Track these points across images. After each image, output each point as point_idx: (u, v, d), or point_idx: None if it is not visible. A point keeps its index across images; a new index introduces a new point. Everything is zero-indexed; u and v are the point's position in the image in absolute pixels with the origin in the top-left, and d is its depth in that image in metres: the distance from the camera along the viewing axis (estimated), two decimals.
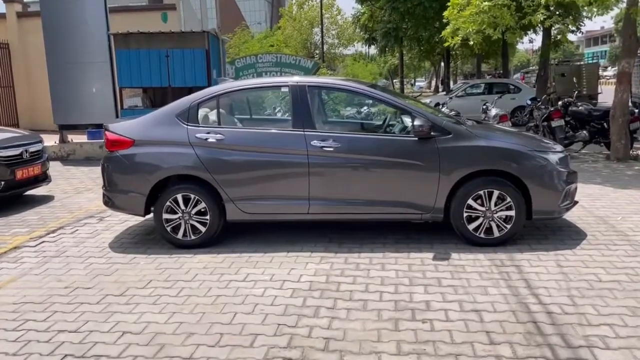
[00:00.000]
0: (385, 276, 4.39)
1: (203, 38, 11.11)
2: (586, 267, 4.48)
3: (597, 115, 10.47)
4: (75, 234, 5.89)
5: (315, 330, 3.50)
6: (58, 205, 7.46)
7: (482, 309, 3.74)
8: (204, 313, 3.79)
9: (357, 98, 6.11)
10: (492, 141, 5.07)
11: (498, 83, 19.92)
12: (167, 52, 10.98)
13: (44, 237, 5.83)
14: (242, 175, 5.11)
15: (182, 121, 5.20)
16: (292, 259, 4.84)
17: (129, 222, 6.21)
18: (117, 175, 5.32)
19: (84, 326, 3.66)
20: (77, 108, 11.72)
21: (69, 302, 4.07)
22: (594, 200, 6.70)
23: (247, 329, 3.53)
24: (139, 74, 11.20)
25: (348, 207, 5.12)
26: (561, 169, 5.06)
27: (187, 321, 3.68)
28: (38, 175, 7.61)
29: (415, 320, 3.60)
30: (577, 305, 3.77)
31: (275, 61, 16.00)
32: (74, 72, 11.65)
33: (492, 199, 4.95)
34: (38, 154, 7.69)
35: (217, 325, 3.60)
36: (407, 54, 32.81)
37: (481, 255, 4.81)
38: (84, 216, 6.69)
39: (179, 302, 4.00)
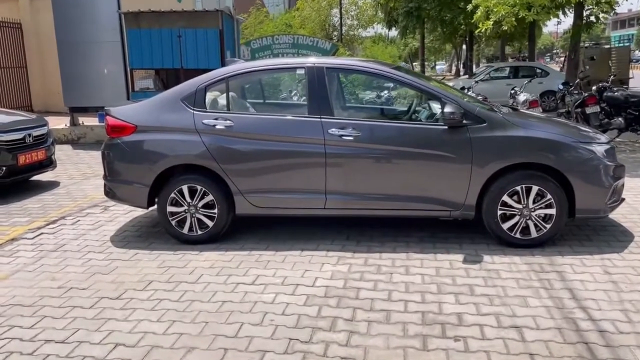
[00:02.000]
0: (410, 281, 3.99)
1: (216, 17, 10.70)
2: (638, 274, 4.04)
3: (634, 101, 9.88)
4: (77, 225, 5.59)
5: (332, 347, 3.10)
6: (62, 192, 7.18)
7: (522, 325, 3.31)
8: (207, 323, 3.42)
9: (379, 81, 5.66)
10: (531, 131, 4.62)
11: (524, 66, 19.23)
12: (179, 32, 10.60)
13: (44, 228, 5.54)
14: (252, 166, 4.76)
15: (188, 106, 4.82)
16: (306, 259, 4.47)
17: (134, 212, 5.89)
18: (118, 164, 4.99)
19: (74, 335, 3.31)
20: (87, 90, 11.43)
21: (60, 305, 3.74)
22: (638, 195, 6.22)
23: (255, 344, 3.15)
24: (151, 55, 10.86)
25: (368, 202, 4.74)
26: (608, 162, 4.60)
27: (188, 332, 3.31)
28: (42, 161, 7.35)
29: (447, 338, 3.18)
30: (632, 322, 3.32)
31: (292, 42, 15.55)
32: (84, 52, 11.35)
33: (531, 195, 4.51)
34: (42, 138, 7.41)
35: (220, 338, 3.23)
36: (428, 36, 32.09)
37: (517, 258, 4.38)
38: (88, 205, 6.38)
39: (180, 308, 3.64)
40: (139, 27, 10.78)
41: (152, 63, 11.05)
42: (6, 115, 7.63)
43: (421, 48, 32.55)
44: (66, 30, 11.42)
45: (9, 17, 16.45)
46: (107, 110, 5.12)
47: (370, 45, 38.71)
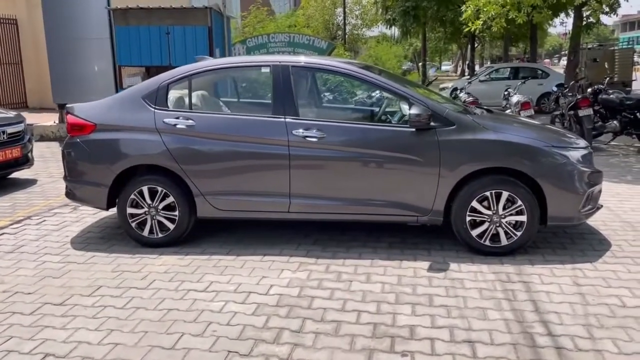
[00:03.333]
0: (368, 290, 3.83)
1: (205, 14, 10.57)
2: (608, 286, 3.85)
3: (629, 104, 9.67)
4: (40, 226, 5.46)
5: None
6: (37, 190, 7.08)
7: (476, 339, 3.14)
8: (147, 332, 3.26)
9: (347, 80, 5.47)
10: (502, 134, 4.43)
11: (525, 67, 18.98)
12: (167, 29, 10.48)
13: (6, 228, 5.41)
14: (214, 167, 4.61)
15: (149, 104, 4.67)
16: (266, 265, 4.31)
17: (102, 213, 5.72)
18: (78, 163, 4.86)
19: (4, 344, 3.15)
20: (76, 86, 11.36)
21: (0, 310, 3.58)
22: (623, 201, 6.05)
23: (191, 356, 2.99)
24: (139, 52, 10.76)
25: (333, 206, 4.57)
26: (583, 168, 4.43)
27: (124, 342, 3.15)
28: (18, 158, 7.25)
29: (394, 352, 3.02)
30: (594, 338, 3.14)
31: (288, 41, 15.43)
32: (73, 48, 11.33)
33: (501, 201, 4.35)
34: (18, 135, 7.31)
35: (156, 349, 3.07)
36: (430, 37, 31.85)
37: (485, 266, 4.21)
38: (58, 205, 6.25)
39: (123, 315, 3.48)
40: (128, 24, 10.68)
41: (141, 60, 10.94)
42: None
43: (423, 48, 32.28)
44: (55, 26, 11.37)
45: (4, 13, 16.40)
46: (69, 107, 5.00)
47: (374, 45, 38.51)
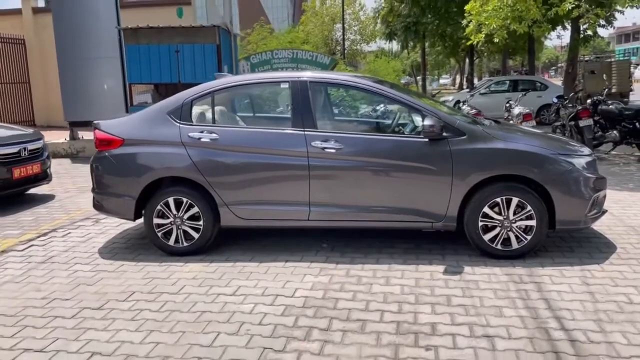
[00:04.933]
0: (389, 292, 4.01)
1: (214, 33, 10.85)
2: (615, 285, 4.04)
3: (628, 114, 9.93)
4: (67, 238, 5.64)
5: (305, 356, 3.13)
6: (57, 205, 7.26)
7: (495, 335, 3.33)
8: (184, 332, 3.45)
9: (364, 95, 5.70)
10: (511, 143, 4.65)
11: (524, 80, 19.30)
12: (177, 47, 10.75)
13: (34, 240, 5.59)
14: (237, 178, 4.80)
15: (174, 119, 4.89)
16: (289, 270, 4.50)
17: (124, 225, 5.95)
18: (106, 176, 5.06)
19: (52, 345, 3.35)
20: (87, 104, 11.58)
21: (42, 315, 3.78)
22: (625, 207, 6.24)
23: (229, 354, 3.18)
24: (149, 70, 10.99)
25: (351, 213, 4.76)
26: (588, 174, 4.63)
27: (165, 341, 3.35)
28: (37, 174, 7.43)
29: (418, 347, 3.20)
30: (605, 332, 3.34)
31: (291, 57, 15.68)
32: (84, 67, 11.55)
33: (511, 207, 4.54)
34: (38, 152, 7.51)
35: (195, 347, 3.26)
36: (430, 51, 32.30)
37: (497, 269, 4.40)
38: (80, 218, 6.45)
39: (159, 318, 3.68)
40: (138, 43, 10.93)
41: (151, 78, 11.18)
42: (2, 129, 7.75)
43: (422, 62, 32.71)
44: (66, 45, 11.62)
45: (13, 33, 16.72)
46: (96, 124, 5.19)
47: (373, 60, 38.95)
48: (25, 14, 17.55)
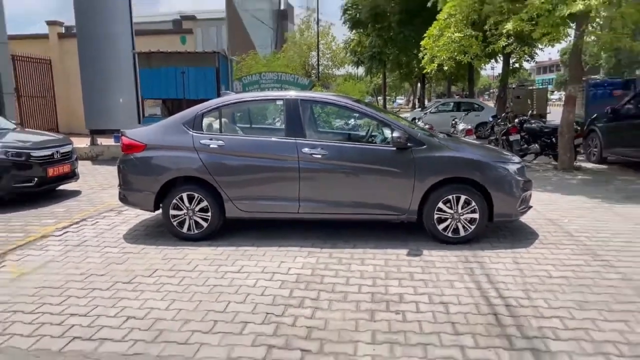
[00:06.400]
0: (364, 270, 4.16)
1: (213, 58, 10.85)
2: (538, 264, 4.28)
3: (547, 131, 10.34)
4: (96, 226, 5.64)
5: (300, 319, 3.27)
6: (84, 199, 7.20)
7: (448, 302, 3.53)
8: (201, 301, 3.55)
9: (344, 111, 5.83)
10: (460, 152, 4.85)
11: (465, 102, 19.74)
12: (182, 70, 10.71)
13: (68, 227, 5.57)
14: (239, 178, 4.87)
15: (188, 128, 4.96)
16: (282, 253, 4.60)
17: (142, 216, 5.97)
18: (130, 175, 5.07)
19: (94, 310, 3.42)
20: (105, 115, 11.48)
21: (82, 287, 3.83)
22: (545, 204, 6.51)
23: (239, 317, 3.30)
24: (159, 88, 10.91)
25: (334, 207, 4.87)
26: (519, 177, 4.85)
27: (186, 308, 3.44)
28: (67, 173, 7.38)
29: (389, 312, 3.38)
30: (531, 298, 3.57)
31: (276, 79, 15.71)
32: (103, 84, 11.43)
33: (460, 203, 4.73)
34: (68, 155, 7.45)
35: (211, 313, 3.37)
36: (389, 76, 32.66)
37: (449, 252, 4.59)
38: (105, 210, 6.43)
39: (179, 290, 3.76)
40: (150, 65, 10.86)
41: (160, 94, 11.10)
42: (38, 135, 7.67)
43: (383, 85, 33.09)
44: (89, 66, 11.47)
45: (40, 54, 16.37)
46: (122, 131, 5.21)
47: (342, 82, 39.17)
48: (52, 38, 17.19)
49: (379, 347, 2.91)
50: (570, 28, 9.23)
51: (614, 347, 2.91)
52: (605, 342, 2.96)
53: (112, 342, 2.98)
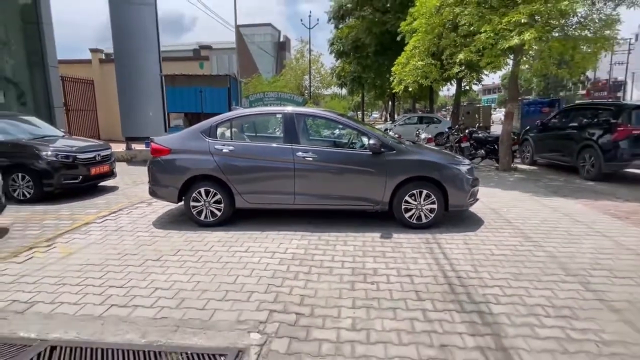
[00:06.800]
0: (346, 249, 4.16)
1: (226, 80, 10.77)
2: (484, 244, 4.31)
3: (490, 140, 10.42)
4: (130, 215, 5.55)
5: (295, 289, 3.26)
6: (120, 194, 7.09)
7: (413, 274, 3.54)
8: (215, 275, 3.52)
9: (330, 123, 5.80)
10: (422, 156, 4.86)
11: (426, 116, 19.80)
12: (200, 89, 10.61)
13: (107, 216, 5.48)
14: (246, 176, 4.81)
15: (205, 136, 4.90)
16: (281, 236, 4.57)
17: (168, 207, 5.89)
18: (158, 174, 4.99)
19: (128, 283, 3.37)
20: (138, 125, 11.28)
21: (119, 264, 3.78)
22: (489, 197, 6.55)
23: (246, 288, 3.28)
24: (181, 103, 10.83)
25: (322, 200, 4.84)
26: (468, 176, 4.87)
27: (203, 280, 3.41)
28: (107, 172, 7.23)
29: (366, 282, 3.38)
30: (477, 271, 3.60)
31: (276, 97, 15.63)
32: (136, 100, 11.22)
33: (422, 196, 4.75)
34: (107, 157, 7.30)
35: (224, 284, 3.34)
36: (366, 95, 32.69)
37: (414, 235, 4.61)
38: (138, 202, 6.34)
39: (198, 266, 3.73)
40: (174, 85, 10.73)
41: (183, 108, 10.99)
42: (83, 142, 7.49)
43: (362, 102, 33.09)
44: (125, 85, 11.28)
45: (85, 76, 16.10)
46: (152, 138, 5.14)
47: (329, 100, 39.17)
48: (94, 63, 16.87)
49: (358, 311, 2.91)
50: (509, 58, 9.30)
51: (542, 309, 2.95)
52: (535, 305, 3.00)
53: (143, 308, 2.95)
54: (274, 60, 57.99)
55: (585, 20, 8.15)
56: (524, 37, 7.16)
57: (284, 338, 2.59)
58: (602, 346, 2.52)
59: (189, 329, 2.69)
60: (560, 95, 42.99)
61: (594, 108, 8.63)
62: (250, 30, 61.61)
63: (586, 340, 2.58)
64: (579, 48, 8.21)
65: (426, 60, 9.48)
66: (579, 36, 8.12)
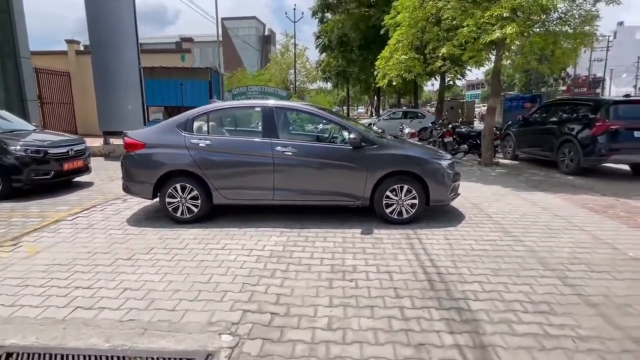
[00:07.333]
0: (325, 246, 4.07)
1: (207, 72, 10.53)
2: (464, 239, 4.27)
3: (473, 135, 10.47)
4: (103, 211, 5.35)
5: (271, 288, 3.16)
6: (95, 189, 6.85)
7: (392, 271, 3.47)
8: (189, 274, 3.39)
9: (311, 117, 5.68)
10: (404, 151, 4.79)
11: (411, 111, 19.86)
12: (181, 82, 10.34)
13: (80, 213, 5.27)
14: (224, 171, 4.67)
15: (181, 130, 4.73)
16: (260, 233, 4.45)
17: (144, 203, 5.70)
18: (132, 169, 4.80)
19: (96, 284, 3.21)
20: (116, 119, 10.93)
21: (87, 264, 3.61)
22: (471, 192, 6.55)
23: (220, 287, 3.16)
24: (161, 96, 10.55)
25: (302, 195, 4.74)
26: (449, 171, 4.83)
27: (176, 280, 3.28)
28: (81, 167, 6.98)
29: (345, 280, 3.30)
30: (457, 267, 3.55)
31: (260, 90, 15.39)
32: (114, 93, 10.87)
33: (403, 191, 4.69)
34: (81, 152, 7.05)
35: (197, 284, 3.22)
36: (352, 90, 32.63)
37: (394, 231, 4.55)
38: (112, 198, 6.13)
39: (171, 265, 3.59)
40: (153, 78, 10.43)
41: (162, 102, 10.72)
42: (55, 136, 7.21)
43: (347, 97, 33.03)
44: (102, 78, 10.90)
45: (61, 68, 15.55)
46: (125, 132, 4.93)
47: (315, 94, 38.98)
48: (70, 54, 16.29)
49: (335, 309, 2.83)
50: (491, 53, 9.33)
51: (520, 305, 2.92)
52: (513, 301, 2.97)
53: (109, 310, 2.81)
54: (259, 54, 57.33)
55: (565, 15, 8.21)
56: (506, 31, 7.16)
57: (256, 339, 2.49)
58: (579, 342, 2.50)
59: (157, 332, 2.56)
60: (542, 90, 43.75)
61: (574, 103, 8.73)
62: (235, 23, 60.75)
63: (563, 336, 2.55)
64: (560, 43, 8.27)
65: (409, 54, 9.43)
66: (560, 32, 8.18)
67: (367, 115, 43.93)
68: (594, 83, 47.30)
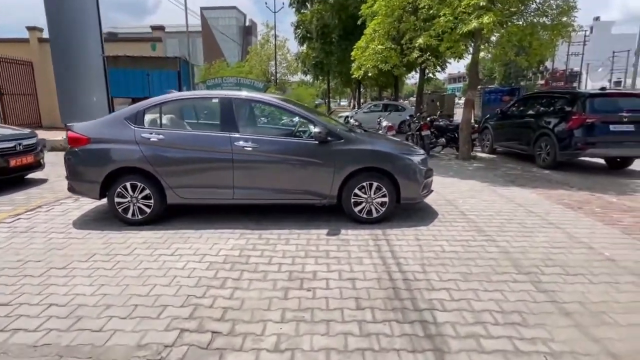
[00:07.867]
0: (287, 249, 3.76)
1: (176, 62, 10.01)
2: (435, 240, 4.04)
3: (451, 128, 10.29)
4: (49, 212, 4.89)
5: (218, 300, 2.83)
6: (47, 187, 6.34)
7: (355, 277, 3.19)
8: (128, 285, 3.03)
9: (273, 109, 5.32)
10: (373, 146, 4.50)
11: (391, 104, 19.65)
12: (147, 72, 9.79)
13: (22, 214, 4.80)
14: (178, 168, 4.30)
15: (130, 123, 4.32)
16: (217, 235, 4.11)
17: (97, 203, 5.25)
18: (76, 166, 4.37)
19: (17, 299, 2.82)
20: (79, 111, 10.27)
21: (14, 274, 3.20)
22: (446, 187, 6.34)
23: (160, 301, 2.81)
24: (126, 87, 9.99)
25: (264, 193, 4.42)
26: (422, 167, 4.58)
27: (111, 293, 2.91)
28: (31, 164, 6.44)
29: (302, 289, 3.00)
30: (426, 272, 3.30)
31: (235, 82, 14.85)
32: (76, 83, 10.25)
33: (372, 188, 4.42)
34: (32, 147, 6.50)
35: (135, 297, 2.86)
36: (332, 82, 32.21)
37: (363, 231, 4.27)
38: (64, 197, 5.66)
39: (110, 274, 3.21)
40: (117, 67, 9.84)
41: (128, 93, 10.15)
42: (2, 129, 6.65)
43: (327, 90, 32.63)
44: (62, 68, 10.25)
45: (23, 57, 14.64)
46: (69, 125, 4.50)
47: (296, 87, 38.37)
48: (32, 42, 15.35)
49: (285, 326, 2.53)
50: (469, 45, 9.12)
51: (490, 315, 2.68)
52: (483, 311, 2.73)
53: (24, 333, 2.43)
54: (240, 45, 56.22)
55: (543, 6, 8.03)
56: (483, 20, 6.92)
57: None
58: (551, 359, 2.26)
59: (74, 359, 2.20)
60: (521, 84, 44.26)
61: (551, 96, 8.61)
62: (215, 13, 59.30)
63: (535, 352, 2.32)
64: (537, 34, 8.11)
65: (386, 45, 9.14)
66: (537, 23, 8.01)
67: (350, 108, 43.65)
68: (571, 77, 48.16)
